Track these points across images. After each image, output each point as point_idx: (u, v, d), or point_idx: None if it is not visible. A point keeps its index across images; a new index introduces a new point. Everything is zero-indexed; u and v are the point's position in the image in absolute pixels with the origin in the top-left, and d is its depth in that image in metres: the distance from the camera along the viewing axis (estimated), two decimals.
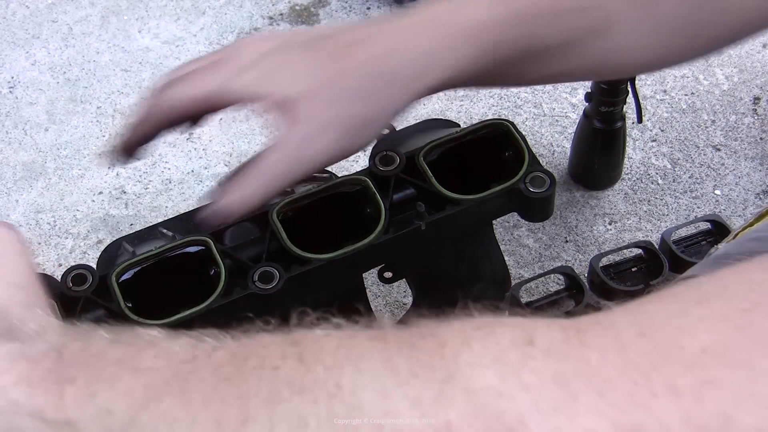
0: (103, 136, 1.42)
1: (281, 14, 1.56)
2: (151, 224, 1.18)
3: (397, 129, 1.19)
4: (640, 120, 1.24)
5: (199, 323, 0.97)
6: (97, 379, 0.50)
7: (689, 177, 1.35)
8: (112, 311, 0.97)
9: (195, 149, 1.41)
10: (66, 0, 1.58)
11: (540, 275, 1.23)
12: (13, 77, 1.50)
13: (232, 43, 0.84)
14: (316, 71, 0.79)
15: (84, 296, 0.97)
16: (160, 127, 0.86)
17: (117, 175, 1.38)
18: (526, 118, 1.42)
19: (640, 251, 1.25)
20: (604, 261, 1.24)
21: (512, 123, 1.07)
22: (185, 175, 1.38)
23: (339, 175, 1.09)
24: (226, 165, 1.39)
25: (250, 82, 0.79)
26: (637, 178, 1.35)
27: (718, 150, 1.38)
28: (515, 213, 1.05)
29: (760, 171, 1.35)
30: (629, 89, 1.22)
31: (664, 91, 1.44)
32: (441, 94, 1.44)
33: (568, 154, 1.35)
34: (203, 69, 0.82)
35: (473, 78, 0.84)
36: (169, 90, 0.82)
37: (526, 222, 1.24)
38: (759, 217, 0.88)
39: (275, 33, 0.83)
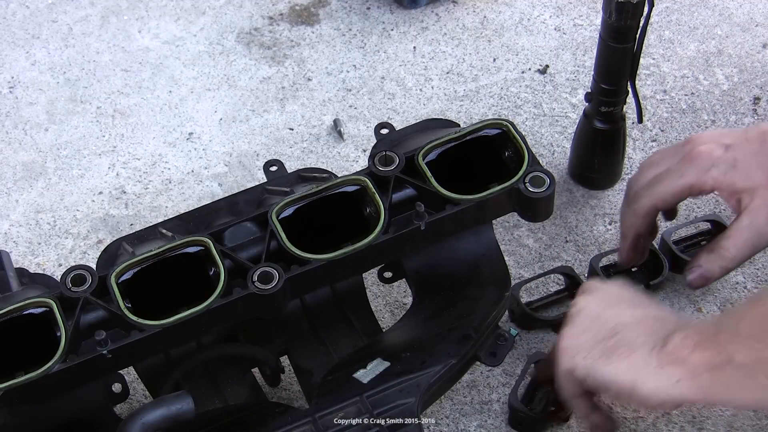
0: (103, 137, 1.42)
1: (281, 14, 1.56)
2: (151, 224, 1.18)
3: (396, 129, 1.19)
4: (640, 120, 1.24)
5: (198, 323, 0.98)
6: None
7: None
8: (111, 311, 0.97)
9: (195, 149, 1.41)
10: (66, 0, 1.58)
11: (540, 275, 1.23)
12: (13, 77, 1.50)
13: (690, 139, 1.05)
14: (764, 164, 1.00)
15: (83, 297, 0.97)
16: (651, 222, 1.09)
17: (117, 175, 1.38)
18: (526, 118, 1.42)
19: None
20: (604, 261, 1.24)
21: (512, 123, 1.07)
22: (185, 175, 1.38)
23: (339, 175, 1.09)
24: (226, 165, 1.39)
25: (719, 175, 1.02)
26: None
27: None
28: (515, 213, 1.05)
29: None
30: (629, 89, 1.22)
31: (664, 91, 1.44)
32: (441, 93, 1.44)
33: (568, 154, 1.35)
34: (677, 166, 1.04)
35: None
36: (655, 187, 1.05)
37: (526, 222, 1.24)
38: None
39: (726, 131, 1.16)
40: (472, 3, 1.55)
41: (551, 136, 1.40)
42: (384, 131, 1.18)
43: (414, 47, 1.50)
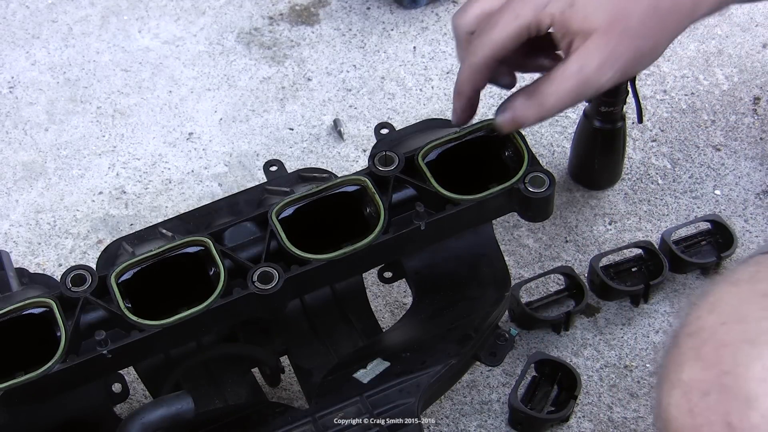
0: (103, 137, 1.42)
1: (281, 14, 1.56)
2: (151, 224, 1.18)
3: (396, 129, 1.19)
4: (640, 120, 1.24)
5: (198, 323, 0.98)
6: None
7: (689, 177, 1.35)
8: (111, 311, 0.97)
9: (195, 149, 1.41)
10: (66, 0, 1.58)
11: (540, 275, 1.23)
12: (13, 77, 1.50)
13: None
14: (607, 7, 0.91)
15: (83, 297, 0.97)
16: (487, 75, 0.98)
17: (117, 175, 1.38)
18: None
19: (640, 251, 1.25)
20: (604, 261, 1.24)
21: None
22: (185, 175, 1.38)
23: (339, 175, 1.09)
24: (226, 165, 1.39)
25: (557, 12, 0.92)
26: (637, 178, 1.35)
27: (718, 150, 1.38)
28: (515, 213, 1.05)
29: (760, 171, 1.35)
30: (629, 89, 1.22)
31: (664, 91, 1.44)
32: (441, 93, 1.45)
33: (568, 154, 1.35)
34: (510, 5, 0.93)
35: None
36: (489, 33, 0.94)
37: (526, 222, 1.24)
38: None
39: None
40: None
41: (551, 136, 1.40)
42: (384, 131, 1.18)
43: (414, 47, 1.50)
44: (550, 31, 0.94)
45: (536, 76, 0.98)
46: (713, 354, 0.73)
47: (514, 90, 1.00)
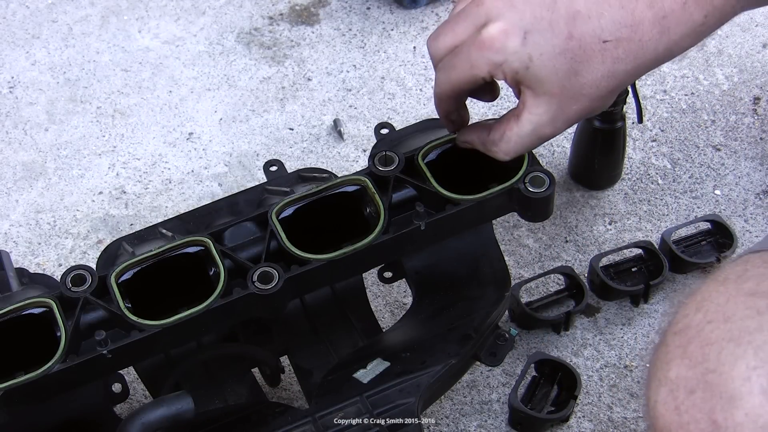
0: (103, 137, 1.42)
1: (281, 14, 1.56)
2: (151, 224, 1.18)
3: (396, 129, 1.19)
4: (640, 120, 1.24)
5: (198, 323, 0.98)
6: None
7: (689, 177, 1.35)
8: (111, 311, 0.97)
9: (195, 149, 1.41)
10: (66, 0, 1.58)
11: (540, 275, 1.23)
12: (13, 77, 1.50)
13: (484, 2, 0.93)
14: (561, 73, 0.91)
15: (83, 297, 0.97)
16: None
17: (117, 175, 1.38)
18: None
19: (640, 251, 1.25)
20: (604, 261, 1.24)
21: None
22: (185, 175, 1.38)
23: (339, 175, 1.09)
24: (226, 165, 1.39)
25: (510, 72, 0.92)
26: (637, 178, 1.35)
27: (718, 150, 1.38)
28: (515, 213, 1.05)
29: (760, 171, 1.35)
30: (629, 89, 1.22)
31: (664, 91, 1.44)
32: None
33: (568, 154, 1.35)
34: (468, 52, 0.93)
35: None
36: (449, 71, 0.96)
37: (526, 222, 1.24)
38: None
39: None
40: None
41: None
42: (384, 131, 1.18)
43: (414, 47, 1.50)
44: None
45: None
46: (699, 352, 0.74)
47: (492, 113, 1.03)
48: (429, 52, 0.99)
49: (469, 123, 1.03)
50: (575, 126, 1.31)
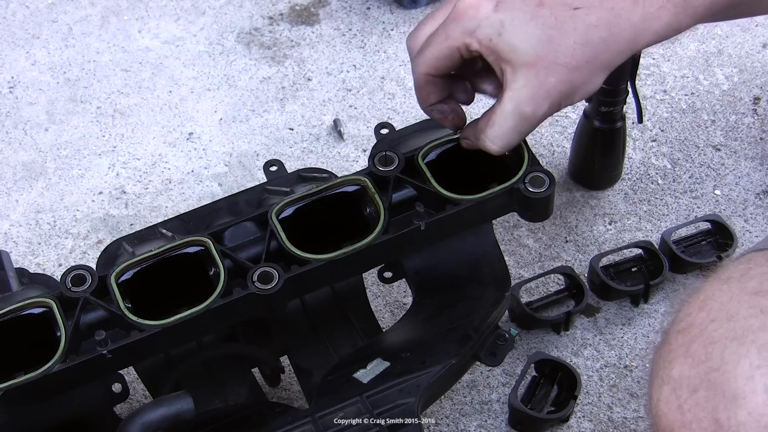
0: (103, 137, 1.43)
1: (281, 14, 1.56)
2: (151, 224, 1.18)
3: (396, 129, 1.19)
4: (640, 120, 1.24)
5: (198, 323, 0.98)
6: None
7: (689, 177, 1.35)
8: (111, 311, 0.97)
9: (195, 149, 1.41)
10: (66, 0, 1.58)
11: (540, 275, 1.23)
12: (13, 77, 1.50)
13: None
14: (534, 39, 0.90)
15: (83, 297, 0.97)
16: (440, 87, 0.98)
17: (117, 175, 1.38)
18: None
19: (640, 251, 1.25)
20: (604, 261, 1.24)
21: None
22: (185, 175, 1.38)
23: (339, 175, 1.09)
24: (226, 165, 1.39)
25: (484, 38, 0.91)
26: (637, 178, 1.35)
27: (718, 150, 1.38)
28: (515, 213, 1.05)
29: (760, 171, 1.35)
30: (629, 89, 1.22)
31: (664, 91, 1.44)
32: None
33: (568, 154, 1.35)
34: (443, 26, 0.93)
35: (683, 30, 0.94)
36: (424, 52, 0.95)
37: (526, 222, 1.24)
38: None
39: None
40: None
41: (551, 136, 1.40)
42: (384, 131, 1.18)
43: None
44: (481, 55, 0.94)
45: None
46: (702, 351, 0.74)
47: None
48: (408, 48, 0.98)
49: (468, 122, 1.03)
50: (575, 126, 1.31)
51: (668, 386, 0.75)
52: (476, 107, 1.06)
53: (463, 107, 1.02)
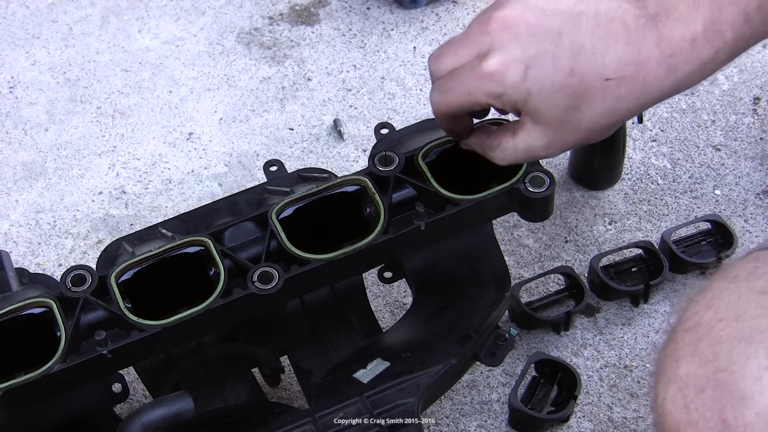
0: (103, 137, 1.43)
1: (281, 14, 1.56)
2: (151, 224, 1.18)
3: (396, 129, 1.19)
4: (640, 120, 1.24)
5: (198, 323, 0.98)
6: None
7: (689, 177, 1.35)
8: (111, 311, 0.97)
9: (195, 149, 1.41)
10: (66, 0, 1.58)
11: (540, 275, 1.23)
12: (13, 77, 1.50)
13: (490, 30, 0.91)
14: (560, 107, 0.89)
15: (83, 297, 0.97)
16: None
17: (117, 175, 1.38)
18: None
19: (640, 251, 1.25)
20: (604, 261, 1.24)
21: None
22: (185, 175, 1.38)
23: (339, 175, 1.09)
24: (226, 165, 1.39)
25: (508, 103, 0.91)
26: (637, 178, 1.35)
27: (718, 150, 1.38)
28: (515, 213, 1.06)
29: (760, 171, 1.35)
30: None
31: None
32: None
33: (568, 154, 1.35)
34: (468, 78, 0.92)
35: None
36: (445, 94, 0.95)
37: (526, 222, 1.24)
38: None
39: (540, 31, 0.89)
40: (472, 3, 1.55)
41: None
42: (384, 131, 1.18)
43: (414, 47, 1.50)
44: None
45: None
46: (710, 350, 0.74)
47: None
48: (429, 70, 0.97)
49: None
50: None
51: (675, 385, 0.75)
52: None
53: None
